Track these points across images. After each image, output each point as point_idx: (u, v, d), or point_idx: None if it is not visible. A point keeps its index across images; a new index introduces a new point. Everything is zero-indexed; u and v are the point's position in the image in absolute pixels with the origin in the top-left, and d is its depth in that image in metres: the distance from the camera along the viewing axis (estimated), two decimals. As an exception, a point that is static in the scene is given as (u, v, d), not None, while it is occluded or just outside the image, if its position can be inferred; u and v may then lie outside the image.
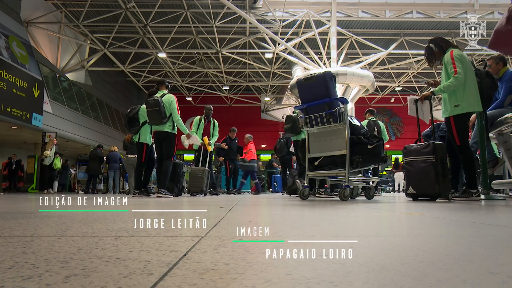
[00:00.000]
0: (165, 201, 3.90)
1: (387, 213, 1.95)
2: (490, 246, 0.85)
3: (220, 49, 16.66)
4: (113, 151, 11.60)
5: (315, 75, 4.17)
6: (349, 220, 1.57)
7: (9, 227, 1.20)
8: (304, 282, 0.51)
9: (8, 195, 7.78)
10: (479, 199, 3.71)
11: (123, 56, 18.18)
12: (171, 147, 5.59)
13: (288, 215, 1.90)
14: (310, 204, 3.07)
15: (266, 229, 1.23)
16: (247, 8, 14.06)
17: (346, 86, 13.55)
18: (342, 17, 15.13)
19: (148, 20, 14.81)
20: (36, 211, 2.16)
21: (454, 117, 3.67)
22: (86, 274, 0.55)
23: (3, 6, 11.98)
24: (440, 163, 3.46)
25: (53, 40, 15.73)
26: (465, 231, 1.18)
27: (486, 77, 3.83)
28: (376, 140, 3.98)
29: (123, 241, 0.89)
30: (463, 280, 0.52)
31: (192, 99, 23.98)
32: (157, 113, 5.43)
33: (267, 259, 0.68)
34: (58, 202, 2.38)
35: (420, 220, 1.54)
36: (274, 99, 24.90)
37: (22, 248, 0.79)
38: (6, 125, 12.24)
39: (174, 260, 0.65)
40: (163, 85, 5.91)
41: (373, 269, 0.59)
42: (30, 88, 12.22)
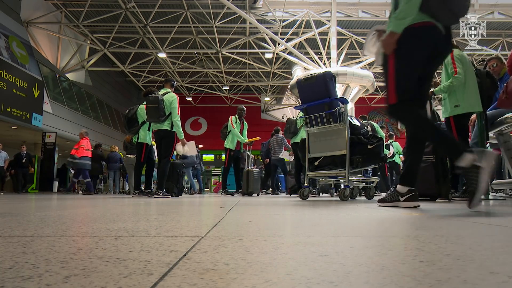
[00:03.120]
0: (165, 201, 3.90)
1: (387, 213, 1.95)
2: (490, 246, 0.85)
3: (220, 49, 16.67)
4: (113, 151, 11.61)
5: (315, 75, 4.17)
6: (349, 220, 1.57)
7: (9, 227, 1.20)
8: (304, 282, 0.51)
9: (7, 196, 7.77)
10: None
11: (123, 56, 18.18)
12: (170, 145, 5.56)
13: (288, 215, 1.90)
14: (310, 204, 3.07)
15: (266, 229, 1.23)
16: (247, 8, 14.06)
17: (346, 86, 13.56)
18: (342, 17, 15.14)
19: (148, 20, 14.82)
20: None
21: (454, 117, 3.67)
22: (86, 274, 0.55)
23: (3, 6, 11.99)
24: (440, 163, 3.47)
25: (53, 40, 15.73)
26: (465, 231, 1.18)
27: (486, 77, 3.83)
28: (376, 140, 3.99)
29: (123, 241, 0.89)
30: (463, 280, 0.52)
31: (192, 99, 23.99)
32: (156, 110, 5.36)
33: (267, 259, 0.68)
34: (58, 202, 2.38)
35: (420, 220, 1.54)
36: (274, 99, 24.91)
37: (22, 248, 0.79)
38: (6, 125, 12.24)
39: (174, 260, 0.65)
40: (168, 83, 5.89)
41: (373, 269, 0.59)
42: (30, 88, 12.22)
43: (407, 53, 2.12)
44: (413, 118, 2.16)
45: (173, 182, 6.04)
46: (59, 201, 3.79)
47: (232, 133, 7.35)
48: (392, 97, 2.13)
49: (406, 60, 2.13)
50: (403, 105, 2.13)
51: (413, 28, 2.07)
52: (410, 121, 2.22)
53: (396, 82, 2.13)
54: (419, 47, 2.12)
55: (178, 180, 6.31)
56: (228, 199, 4.81)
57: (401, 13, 2.04)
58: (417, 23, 2.06)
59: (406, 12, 2.03)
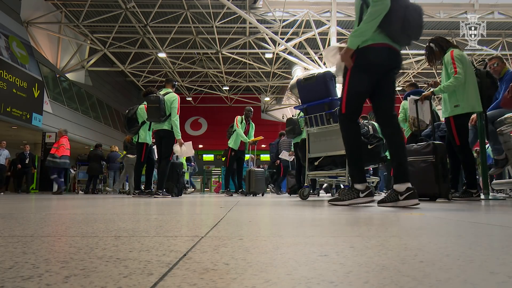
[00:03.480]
0: (165, 201, 3.90)
1: (387, 213, 1.95)
2: (490, 246, 0.85)
3: (220, 49, 16.67)
4: (113, 151, 11.61)
5: (315, 75, 4.18)
6: (349, 220, 1.57)
7: (9, 227, 1.20)
8: (304, 282, 0.51)
9: (7, 196, 7.77)
10: (479, 199, 3.72)
11: (123, 56, 18.18)
12: (170, 145, 5.56)
13: (288, 215, 1.90)
14: (310, 204, 3.07)
15: (266, 229, 1.23)
16: (247, 8, 14.06)
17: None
18: (342, 17, 15.12)
19: (148, 20, 14.81)
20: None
21: (454, 117, 3.67)
22: (86, 274, 0.55)
23: (3, 6, 11.99)
24: (440, 163, 3.47)
25: (53, 40, 15.73)
26: (465, 231, 1.18)
27: (486, 77, 3.83)
28: (376, 140, 3.99)
29: (123, 241, 0.89)
30: (463, 280, 0.52)
31: (192, 99, 23.99)
32: (157, 110, 5.36)
33: (267, 259, 0.68)
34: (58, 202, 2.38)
35: (420, 220, 1.54)
36: (274, 99, 24.91)
37: (22, 248, 0.79)
38: (6, 125, 12.24)
39: (174, 260, 0.65)
40: (169, 84, 5.88)
41: (373, 269, 0.59)
42: (30, 88, 12.22)
43: (362, 70, 2.38)
44: (348, 134, 2.49)
45: (173, 182, 6.04)
46: (59, 201, 3.79)
47: (236, 133, 7.35)
48: (343, 107, 2.45)
49: (359, 77, 2.39)
50: (347, 118, 2.46)
51: (373, 47, 2.33)
52: (345, 134, 2.51)
53: (347, 95, 2.42)
54: (373, 64, 2.38)
55: (178, 180, 6.31)
56: (228, 199, 4.81)
57: (358, 32, 2.30)
58: (376, 44, 2.32)
59: (362, 32, 2.28)
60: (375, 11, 2.21)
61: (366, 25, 2.25)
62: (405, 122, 5.60)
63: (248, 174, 7.04)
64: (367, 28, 2.26)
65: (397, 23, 2.28)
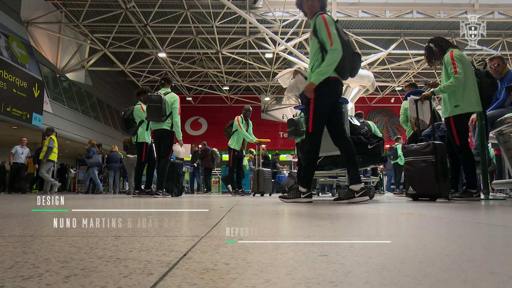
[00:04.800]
0: (165, 201, 3.90)
1: (387, 213, 1.95)
2: (490, 246, 0.85)
3: (220, 49, 16.66)
4: (113, 151, 11.60)
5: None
6: (349, 220, 1.57)
7: (9, 227, 1.20)
8: (304, 282, 0.51)
9: (7, 196, 7.77)
10: (479, 199, 3.72)
11: (123, 56, 18.17)
12: (169, 145, 5.54)
13: (288, 215, 1.90)
14: (310, 204, 3.07)
15: (266, 229, 1.23)
16: (247, 8, 14.05)
17: (346, 86, 13.55)
18: (342, 17, 15.12)
19: (148, 20, 14.81)
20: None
21: (454, 117, 3.67)
22: (86, 274, 0.55)
23: (3, 6, 11.98)
24: (440, 163, 3.46)
25: (53, 40, 15.72)
26: (465, 231, 1.18)
27: (486, 77, 3.83)
28: (376, 140, 3.99)
29: (123, 241, 0.89)
30: (463, 280, 0.52)
31: (192, 99, 23.98)
32: (158, 110, 5.32)
33: (267, 259, 0.68)
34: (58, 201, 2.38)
35: (420, 220, 1.54)
36: (274, 99, 24.91)
37: (22, 248, 0.79)
38: (6, 125, 12.23)
39: (174, 260, 0.65)
40: (168, 83, 5.86)
41: (373, 269, 0.59)
42: (30, 88, 12.21)
43: (323, 97, 3.00)
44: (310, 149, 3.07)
45: (173, 182, 6.04)
46: (59, 201, 3.78)
47: (238, 133, 7.33)
48: (310, 127, 3.06)
49: (323, 102, 3.01)
50: (312, 137, 3.04)
51: (330, 79, 2.98)
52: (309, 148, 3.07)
53: (313, 117, 3.03)
54: (331, 93, 3.04)
55: (178, 180, 6.31)
56: (228, 199, 4.80)
57: (321, 72, 2.93)
58: (332, 77, 2.99)
59: (324, 73, 2.93)
60: (333, 57, 2.90)
61: (327, 68, 2.92)
62: (407, 122, 5.60)
63: (257, 173, 7.03)
64: (328, 70, 2.93)
65: (347, 65, 3.03)
